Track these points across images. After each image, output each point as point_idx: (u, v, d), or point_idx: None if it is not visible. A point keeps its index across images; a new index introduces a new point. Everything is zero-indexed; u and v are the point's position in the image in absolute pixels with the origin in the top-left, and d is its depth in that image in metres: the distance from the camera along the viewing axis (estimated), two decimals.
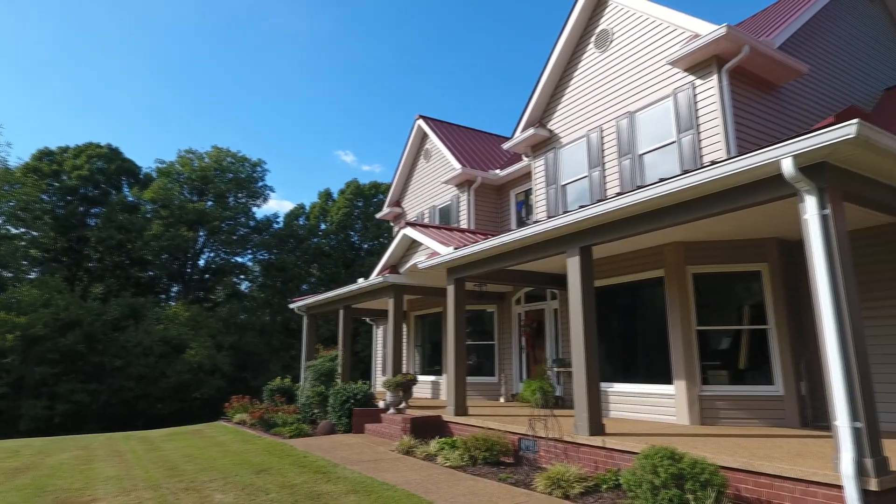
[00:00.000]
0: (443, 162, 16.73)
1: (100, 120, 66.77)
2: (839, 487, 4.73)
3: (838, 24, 11.51)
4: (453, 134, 17.74)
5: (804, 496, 5.05)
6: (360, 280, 14.03)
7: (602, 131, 11.13)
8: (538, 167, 12.79)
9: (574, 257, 7.74)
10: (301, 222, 45.11)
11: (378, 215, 20.61)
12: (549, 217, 9.02)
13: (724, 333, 8.59)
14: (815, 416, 7.89)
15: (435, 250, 11.14)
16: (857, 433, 4.70)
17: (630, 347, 9.69)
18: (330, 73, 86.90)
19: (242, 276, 42.80)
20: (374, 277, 13.22)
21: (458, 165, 15.45)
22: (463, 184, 15.64)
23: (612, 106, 11.00)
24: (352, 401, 12.02)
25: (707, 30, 8.89)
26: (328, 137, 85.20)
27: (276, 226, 43.74)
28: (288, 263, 40.60)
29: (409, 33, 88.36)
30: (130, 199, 38.86)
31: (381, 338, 19.64)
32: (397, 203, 19.45)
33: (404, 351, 15.83)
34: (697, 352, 8.37)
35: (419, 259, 11.54)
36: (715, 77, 8.99)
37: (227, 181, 41.00)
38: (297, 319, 21.94)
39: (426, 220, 17.26)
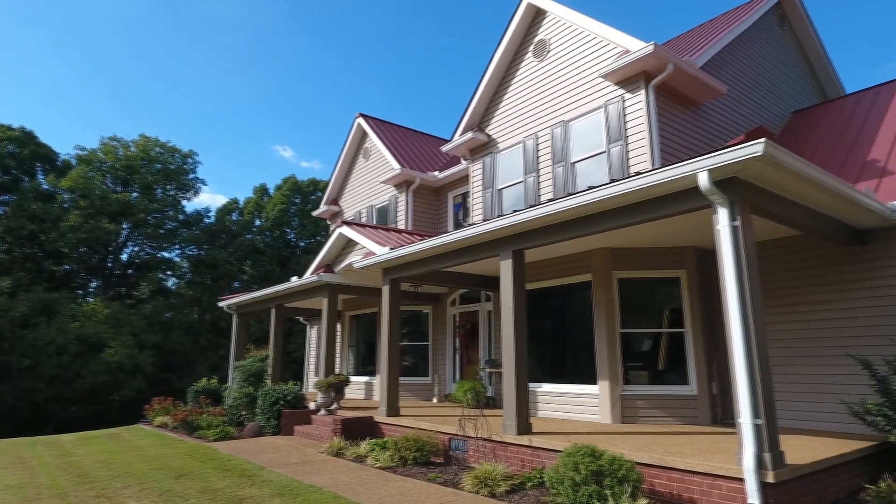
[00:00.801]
0: (382, 161, 16.64)
1: (12, 101, 61.85)
2: (741, 480, 5.07)
3: (754, 50, 12.37)
4: (393, 134, 17.69)
5: (711, 489, 5.39)
6: (294, 279, 13.73)
7: (538, 138, 11.43)
8: (476, 171, 12.97)
9: (507, 260, 7.91)
10: (234, 217, 43.54)
11: (315, 213, 20.23)
12: (485, 220, 9.17)
13: (645, 336, 9.02)
14: (724, 415, 8.42)
15: (371, 250, 11.07)
16: (758, 430, 5.06)
17: (559, 349, 9.99)
18: (270, 65, 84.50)
19: (169, 272, 40.77)
20: (309, 276, 12.97)
21: (397, 166, 15.42)
22: (401, 184, 15.63)
23: (547, 114, 11.32)
24: (281, 402, 11.73)
25: (636, 46, 9.32)
26: (266, 131, 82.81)
27: (207, 220, 41.99)
28: (219, 260, 39.08)
29: (352, 32, 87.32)
30: (45, 186, 36.18)
31: (314, 338, 19.28)
32: (335, 201, 19.17)
33: (338, 351, 15.62)
34: (621, 353, 8.75)
35: (355, 259, 11.43)
36: (643, 92, 9.44)
37: (155, 172, 38.99)
38: (228, 318, 21.17)
39: (364, 220, 17.12)
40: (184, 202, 40.91)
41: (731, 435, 7.17)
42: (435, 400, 13.25)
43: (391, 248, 10.09)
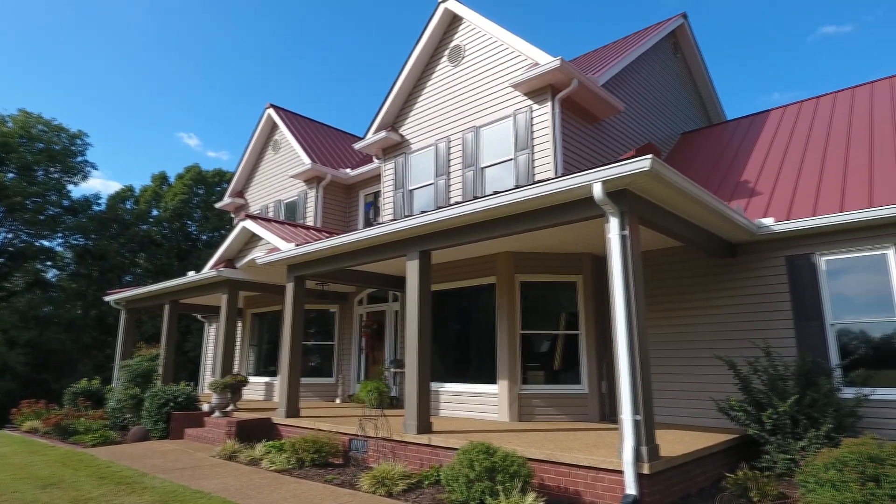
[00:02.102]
0: (292, 155, 16.16)
1: None
2: (621, 473, 5.43)
3: (650, 73, 13.33)
4: (305, 128, 17.24)
5: (594, 482, 5.72)
6: (191, 273, 12.99)
7: (450, 142, 11.61)
8: (388, 170, 12.94)
9: (414, 260, 7.96)
10: (129, 206, 40.35)
11: (218, 205, 19.25)
12: (394, 220, 9.17)
13: (544, 337, 9.42)
14: (611, 412, 8.99)
15: (276, 246, 10.71)
16: (636, 425, 5.45)
17: (462, 349, 10.19)
18: (179, 47, 79.26)
19: (49, 263, 37.01)
20: (207, 271, 12.32)
21: (307, 160, 15.04)
22: (312, 180, 15.26)
23: (460, 119, 11.53)
24: (171, 404, 11.04)
25: (545, 60, 9.74)
26: (170, 116, 77.54)
27: (97, 208, 38.55)
28: (109, 251, 36.05)
29: (269, 24, 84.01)
30: None
31: (212, 336, 18.32)
32: (240, 194, 18.35)
33: (237, 350, 14.95)
34: (520, 354, 9.08)
35: (258, 254, 11.00)
36: (549, 104, 9.87)
37: (37, 152, 35.25)
38: (117, 314, 19.50)
39: (271, 214, 16.53)
40: (70, 187, 37.31)
41: (615, 430, 7.66)
42: (338, 401, 13.04)
43: (297, 245, 9.83)
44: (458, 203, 7.05)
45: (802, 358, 7.16)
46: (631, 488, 5.28)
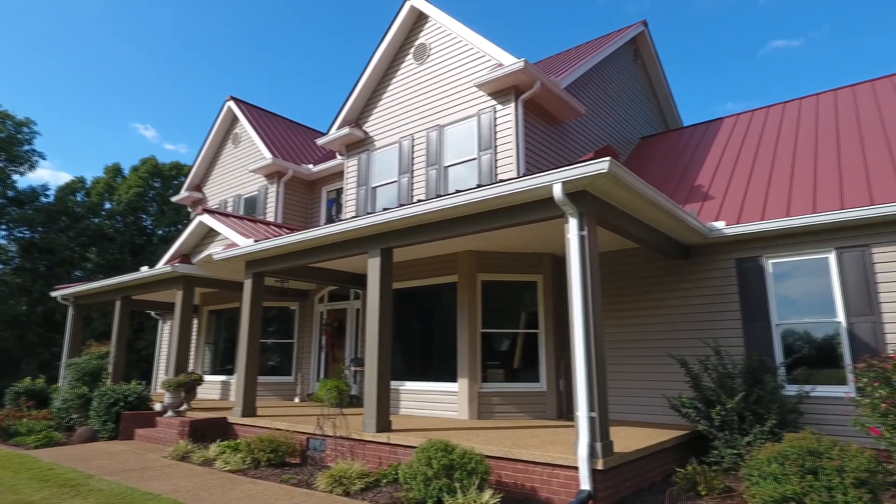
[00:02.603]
0: (252, 149, 15.83)
1: None
2: (576, 469, 5.52)
3: (611, 78, 13.62)
4: (267, 121, 16.91)
5: (550, 478, 5.81)
6: (145, 268, 12.59)
7: (413, 140, 11.59)
8: (351, 167, 12.82)
9: (375, 258, 7.92)
10: (79, 198, 38.73)
11: (175, 199, 18.68)
12: (356, 217, 9.09)
13: (504, 336, 9.51)
14: (568, 409, 9.14)
15: (234, 241, 10.47)
16: (592, 422, 5.56)
17: (423, 347, 10.19)
18: (137, 33, 76.42)
19: None
20: (162, 266, 11.95)
21: (268, 155, 14.76)
22: (273, 175, 14.98)
23: (424, 117, 11.52)
24: (122, 403, 10.67)
25: (509, 61, 9.82)
26: (125, 106, 74.70)
27: (44, 199, 36.86)
28: (57, 245, 34.50)
29: (233, 15, 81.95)
30: None
31: (167, 334, 17.78)
32: (198, 187, 17.86)
33: (193, 349, 14.56)
34: (481, 352, 9.14)
35: (215, 250, 10.74)
36: (513, 105, 9.97)
37: None
38: (65, 311, 18.62)
39: (230, 209, 16.14)
40: (16, 177, 35.56)
41: (572, 428, 7.77)
42: (297, 399, 12.86)
43: (256, 241, 9.64)
44: (420, 201, 7.05)
45: (749, 357, 7.44)
46: (585, 484, 5.38)
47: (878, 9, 64.08)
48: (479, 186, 6.51)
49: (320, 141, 13.18)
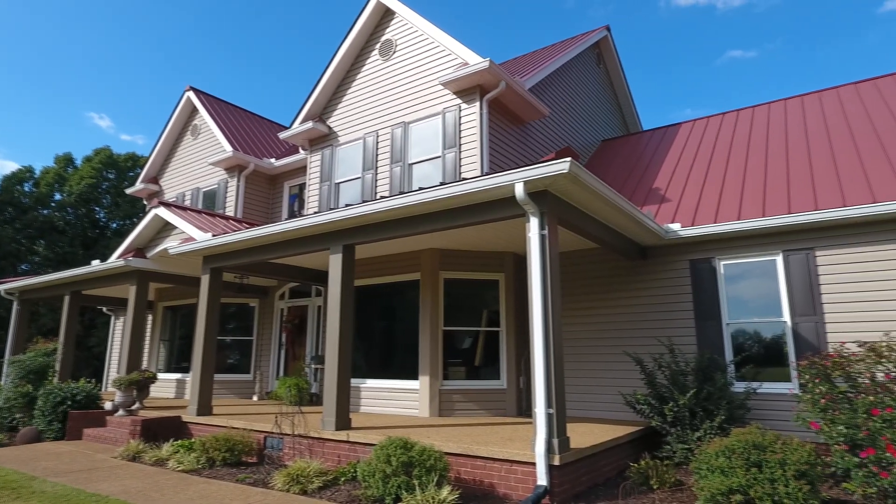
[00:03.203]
0: (212, 141, 15.44)
1: None
2: (533, 464, 5.61)
3: (574, 81, 13.84)
4: (228, 113, 16.52)
5: (508, 474, 5.88)
6: (96, 262, 12.13)
7: (378, 136, 11.52)
8: (314, 162, 12.65)
9: (337, 254, 7.85)
10: (27, 189, 37.00)
11: (129, 191, 18.07)
12: (318, 213, 8.99)
13: (466, 334, 9.56)
14: (528, 406, 9.26)
15: (191, 235, 10.19)
16: (549, 418, 5.65)
17: (385, 345, 10.15)
18: (92, 19, 73.32)
19: None
20: (115, 260, 11.53)
21: (229, 148, 14.42)
22: (233, 168, 14.65)
23: (389, 114, 11.46)
24: (69, 402, 10.26)
25: (475, 60, 9.87)
26: (79, 94, 71.61)
27: None
28: (2, 237, 32.92)
29: (193, 6, 79.55)
30: None
31: (119, 330, 17.19)
32: (154, 179, 17.31)
33: (147, 346, 14.12)
34: (442, 350, 9.17)
35: (172, 244, 10.44)
36: (477, 104, 10.02)
37: None
38: (10, 305, 17.69)
39: (188, 203, 15.71)
40: None
41: (531, 424, 7.88)
42: (255, 398, 12.62)
43: (214, 235, 9.41)
44: (383, 198, 7.02)
45: (701, 355, 7.70)
46: (542, 479, 5.47)
47: (828, 22, 67.16)
48: (441, 184, 6.53)
49: (283, 135, 12.96)
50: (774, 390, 7.67)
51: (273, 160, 14.89)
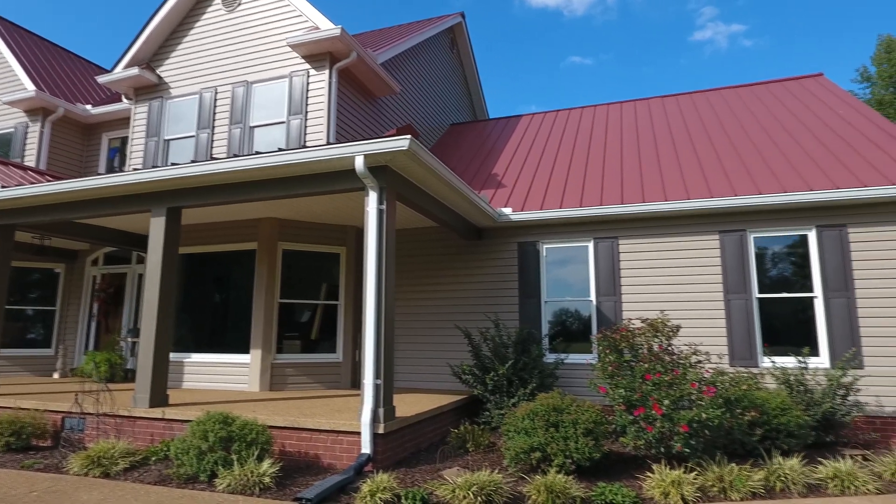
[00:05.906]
0: (9, 76, 13.05)
1: None
2: (358, 434, 5.74)
3: (427, 62, 14.07)
4: (31, 45, 14.07)
5: (334, 444, 5.95)
6: None
7: (217, 93, 10.66)
8: (140, 114, 11.34)
9: (160, 217, 7.21)
10: None
11: None
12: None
13: (305, 307, 9.38)
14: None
15: None
16: (377, 389, 5.80)
17: (216, 317, 9.58)
18: None
19: None
20: None
21: (31, 86, 12.32)
22: (36, 111, 12.56)
23: (230, 70, 10.65)
24: None
25: (326, 26, 9.55)
26: None
27: None
28: None
29: None
30: None
31: None
32: None
33: None
34: (277, 323, 8.90)
35: None
36: (327, 72, 9.74)
37: None
38: None
39: None
40: None
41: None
42: (57, 375, 11.15)
43: (4, 186, 8.04)
44: (215, 159, 6.56)
45: (521, 329, 8.43)
46: (366, 448, 5.63)
47: (649, 44, 76.08)
48: (280, 150, 6.29)
49: (102, 79, 11.40)
50: (579, 360, 8.69)
51: (89, 107, 13.04)
